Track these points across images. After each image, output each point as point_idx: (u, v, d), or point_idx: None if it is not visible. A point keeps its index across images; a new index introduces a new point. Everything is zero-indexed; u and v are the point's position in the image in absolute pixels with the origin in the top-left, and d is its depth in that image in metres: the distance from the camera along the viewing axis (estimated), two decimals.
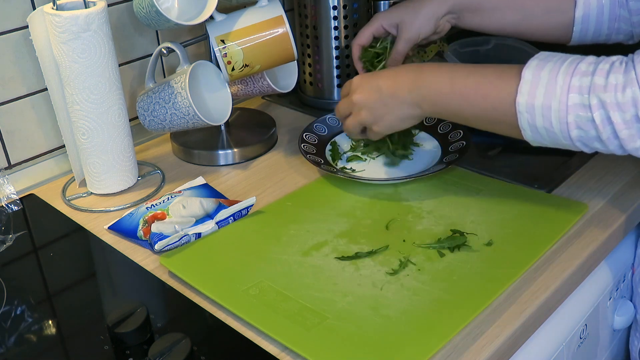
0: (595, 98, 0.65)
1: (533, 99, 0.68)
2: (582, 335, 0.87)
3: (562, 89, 0.67)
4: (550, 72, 0.68)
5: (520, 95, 0.69)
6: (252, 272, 0.76)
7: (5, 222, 0.88)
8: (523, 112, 0.70)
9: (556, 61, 0.69)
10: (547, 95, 0.67)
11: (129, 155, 0.94)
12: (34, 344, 0.69)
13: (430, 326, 0.67)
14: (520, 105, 0.69)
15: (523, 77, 0.69)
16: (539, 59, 0.70)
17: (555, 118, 0.68)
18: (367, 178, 0.92)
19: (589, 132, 0.67)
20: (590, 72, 0.66)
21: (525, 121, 0.70)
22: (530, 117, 0.69)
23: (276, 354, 0.66)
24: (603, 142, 0.68)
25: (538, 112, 0.68)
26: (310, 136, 1.02)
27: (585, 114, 0.66)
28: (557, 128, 0.68)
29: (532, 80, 0.68)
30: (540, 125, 0.69)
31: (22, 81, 0.96)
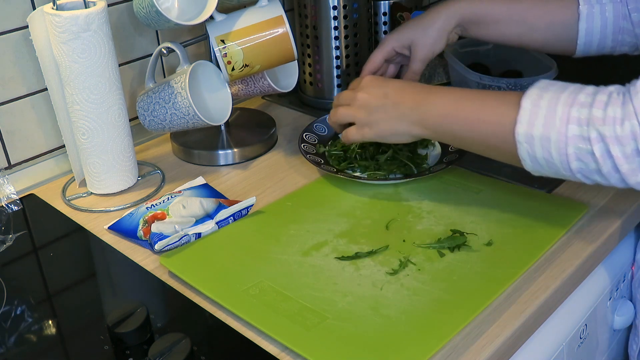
0: (594, 131, 0.64)
1: (532, 129, 0.67)
2: (582, 335, 0.87)
3: (561, 120, 0.66)
4: (550, 102, 0.67)
5: (520, 124, 0.68)
6: (252, 272, 0.76)
7: (5, 222, 0.88)
8: (522, 142, 0.68)
9: (555, 90, 0.68)
10: (546, 126, 0.66)
11: (129, 155, 0.94)
12: (34, 344, 0.69)
13: (430, 326, 0.67)
14: (519, 135, 0.68)
15: (522, 106, 0.68)
16: (539, 88, 0.69)
17: (555, 149, 0.67)
18: (367, 178, 0.92)
19: (589, 164, 0.66)
20: (589, 104, 0.65)
21: (524, 151, 0.69)
22: (530, 148, 0.68)
23: (276, 354, 0.66)
24: (603, 176, 0.67)
25: (537, 142, 0.67)
26: (310, 136, 1.02)
27: (585, 146, 0.65)
28: (557, 159, 0.67)
29: (532, 109, 0.67)
30: (540, 156, 0.68)
31: (22, 81, 0.96)
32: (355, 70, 1.16)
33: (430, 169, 0.93)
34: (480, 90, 0.77)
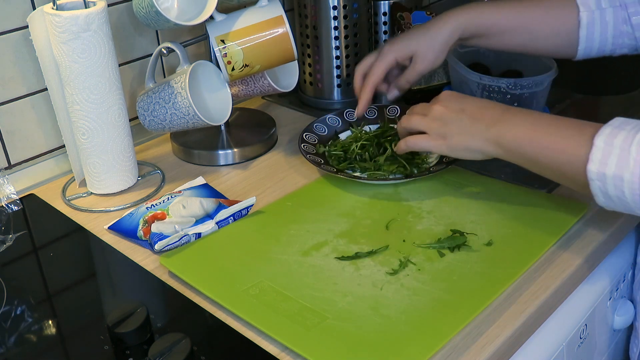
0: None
1: (605, 168, 0.67)
2: (582, 335, 0.87)
3: (635, 160, 0.65)
4: (624, 142, 0.66)
5: (592, 163, 0.68)
6: (252, 272, 0.76)
7: (5, 222, 0.88)
8: (594, 179, 0.68)
9: (630, 130, 0.67)
10: (620, 166, 0.66)
11: (129, 155, 0.94)
12: (34, 344, 0.69)
13: (430, 326, 0.67)
14: (592, 173, 0.68)
15: (595, 144, 0.68)
16: (613, 126, 0.68)
17: (628, 189, 0.66)
18: (367, 178, 0.92)
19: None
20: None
21: (597, 188, 0.69)
22: (602, 185, 0.68)
23: (276, 354, 0.66)
24: None
25: (610, 181, 0.67)
26: (310, 136, 1.02)
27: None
28: (630, 198, 0.67)
29: (605, 148, 0.67)
30: (612, 194, 0.68)
31: (22, 81, 0.96)
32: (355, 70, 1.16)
33: (430, 169, 0.93)
34: (556, 117, 0.75)
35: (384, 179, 0.92)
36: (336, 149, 0.99)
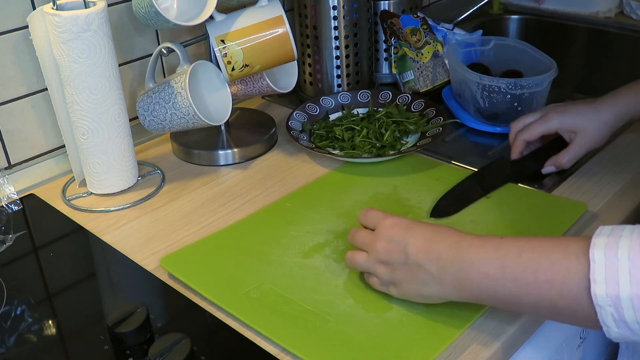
0: None
1: (617, 289, 0.53)
2: (582, 335, 0.87)
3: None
4: (631, 251, 0.53)
5: (596, 284, 0.54)
6: (253, 275, 0.76)
7: (5, 222, 0.88)
8: (604, 305, 0.54)
9: (630, 234, 0.55)
10: (636, 282, 0.52)
11: (129, 155, 0.94)
12: (34, 344, 0.69)
13: (432, 328, 0.67)
14: (600, 298, 0.54)
15: (593, 260, 0.54)
16: (605, 235, 0.56)
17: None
18: (341, 155, 0.97)
19: None
20: None
21: (609, 316, 0.54)
22: (617, 312, 0.54)
23: (276, 354, 0.66)
24: None
25: (626, 304, 0.53)
26: (300, 114, 1.07)
27: None
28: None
29: (607, 263, 0.54)
30: (631, 320, 0.53)
31: (22, 81, 0.96)
32: (355, 70, 1.17)
33: (400, 150, 0.98)
34: (526, 238, 0.62)
35: (357, 156, 0.97)
36: (320, 129, 1.04)
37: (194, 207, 0.91)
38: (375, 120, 1.03)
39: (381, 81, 1.26)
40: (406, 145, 1.00)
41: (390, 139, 0.99)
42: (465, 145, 1.05)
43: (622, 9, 1.50)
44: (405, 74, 1.17)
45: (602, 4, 1.50)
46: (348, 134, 1.00)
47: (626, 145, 0.99)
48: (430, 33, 1.20)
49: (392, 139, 0.99)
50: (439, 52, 1.18)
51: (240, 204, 0.91)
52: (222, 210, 0.90)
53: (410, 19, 1.19)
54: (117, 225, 0.88)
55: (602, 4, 1.50)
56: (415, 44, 1.17)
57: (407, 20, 1.19)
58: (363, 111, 1.08)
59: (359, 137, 0.99)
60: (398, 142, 0.99)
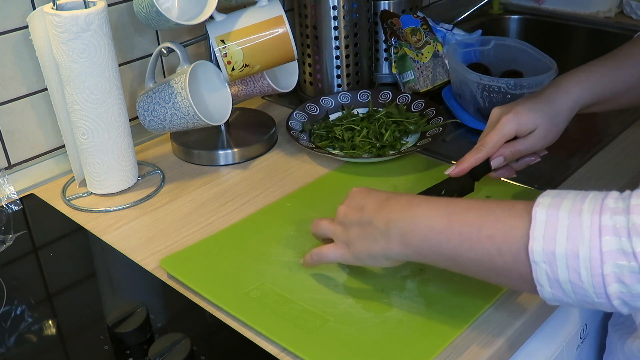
0: (639, 241, 0.51)
1: (553, 245, 0.54)
2: (582, 335, 0.87)
3: (591, 230, 0.52)
4: (571, 211, 0.54)
5: (534, 240, 0.54)
6: (253, 275, 0.76)
7: (5, 222, 0.88)
8: (540, 262, 0.54)
9: (574, 197, 0.55)
10: (572, 240, 0.53)
11: (129, 155, 0.94)
12: (34, 344, 0.69)
13: (432, 328, 0.67)
14: (535, 254, 0.54)
15: (535, 217, 0.55)
16: (550, 196, 0.56)
17: (586, 268, 0.52)
18: (341, 155, 0.97)
19: (632, 286, 0.52)
20: (623, 210, 0.52)
21: (543, 274, 0.55)
22: (550, 269, 0.54)
23: (276, 354, 0.66)
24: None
25: (561, 262, 0.53)
26: (299, 115, 1.07)
27: (627, 262, 0.51)
28: (587, 282, 0.53)
29: (548, 221, 0.54)
30: (564, 279, 0.54)
31: (22, 81, 0.96)
32: (355, 70, 1.17)
33: (400, 150, 0.97)
34: (477, 200, 0.63)
35: (357, 156, 0.97)
36: (320, 129, 1.04)
37: (194, 207, 0.91)
38: (375, 120, 1.03)
39: (381, 81, 1.26)
40: (406, 145, 1.00)
41: (390, 139, 0.99)
42: (465, 145, 1.04)
43: (622, 9, 1.50)
44: (405, 74, 1.17)
45: (602, 4, 1.50)
46: (348, 134, 1.00)
47: (626, 145, 0.99)
48: (430, 33, 1.20)
49: (392, 139, 0.99)
50: (439, 52, 1.19)
51: (240, 204, 0.91)
52: (222, 210, 0.90)
53: (410, 19, 1.19)
54: (117, 225, 0.88)
55: (602, 4, 1.50)
56: (415, 44, 1.17)
57: (407, 20, 1.19)
58: (363, 111, 1.08)
59: (359, 137, 0.99)
60: (398, 142, 0.99)
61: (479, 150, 0.80)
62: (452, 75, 1.14)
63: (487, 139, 0.80)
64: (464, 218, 0.60)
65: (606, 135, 1.02)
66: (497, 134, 0.80)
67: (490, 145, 0.80)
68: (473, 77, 1.04)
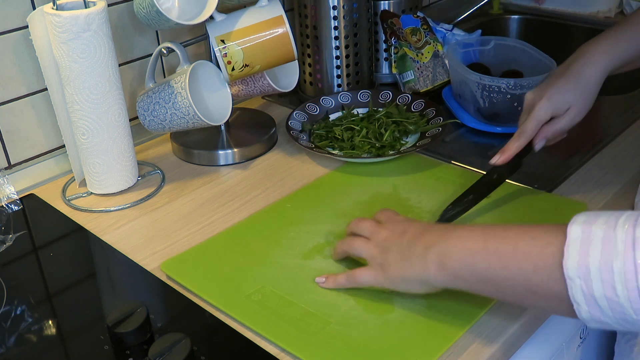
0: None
1: (586, 260, 0.53)
2: (582, 335, 0.87)
3: (625, 244, 0.51)
4: (606, 226, 0.53)
5: (568, 255, 0.54)
6: (254, 277, 0.75)
7: (5, 222, 0.88)
8: (574, 277, 0.53)
9: (609, 216, 0.54)
10: (606, 254, 0.52)
11: (129, 155, 0.94)
12: (34, 344, 0.69)
13: (432, 330, 0.67)
14: (570, 270, 0.53)
15: (569, 234, 0.54)
16: (586, 215, 0.56)
17: (620, 282, 0.51)
18: (341, 155, 0.97)
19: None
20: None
21: (578, 290, 0.53)
22: (585, 285, 0.53)
23: (276, 354, 0.66)
24: None
25: (595, 276, 0.52)
26: (299, 114, 1.07)
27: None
28: (623, 296, 0.51)
29: (582, 236, 0.53)
30: (599, 295, 0.52)
31: (22, 81, 0.96)
32: (355, 70, 1.17)
33: (399, 150, 0.97)
34: (510, 225, 0.63)
35: (356, 156, 0.97)
36: (319, 129, 1.04)
37: (194, 207, 0.91)
38: (375, 120, 1.03)
39: (381, 81, 1.26)
40: (406, 145, 1.00)
41: (389, 139, 0.99)
42: (465, 145, 1.05)
43: (622, 9, 1.50)
44: (405, 74, 1.17)
45: (602, 4, 1.50)
46: (348, 134, 1.01)
47: (626, 145, 0.99)
48: (430, 33, 1.20)
49: (392, 139, 0.99)
50: (439, 52, 1.19)
51: (240, 204, 0.91)
52: (222, 210, 0.90)
53: (410, 19, 1.19)
54: (117, 225, 0.88)
55: (602, 4, 1.50)
56: (415, 44, 1.17)
57: (407, 20, 1.19)
58: (363, 111, 1.08)
59: (359, 137, 1.00)
60: (398, 142, 0.99)
61: (519, 137, 0.83)
62: (452, 75, 1.14)
63: (525, 127, 0.84)
64: (501, 236, 0.60)
65: (606, 135, 1.02)
66: (533, 121, 0.83)
67: (528, 132, 0.83)
68: (473, 77, 1.04)
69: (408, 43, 1.17)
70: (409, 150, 0.96)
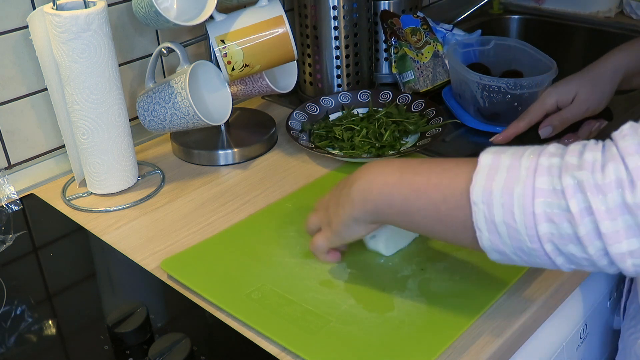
0: (569, 178, 0.51)
1: (491, 184, 0.54)
2: (582, 335, 0.87)
3: (527, 170, 0.53)
4: (514, 155, 0.55)
5: (476, 182, 0.55)
6: (254, 276, 0.76)
7: (5, 222, 0.88)
8: (478, 202, 0.55)
9: (518, 147, 0.57)
10: (509, 179, 0.54)
11: (129, 155, 0.94)
12: (34, 344, 0.69)
13: (434, 328, 0.67)
14: (475, 195, 0.55)
15: (480, 162, 0.56)
16: (498, 147, 0.58)
17: (519, 207, 0.53)
18: (341, 156, 0.97)
19: (562, 227, 0.52)
20: (560, 154, 0.54)
21: (481, 216, 0.55)
22: (487, 209, 0.55)
23: (276, 353, 0.66)
24: (581, 243, 0.52)
25: (497, 200, 0.54)
26: (299, 114, 1.07)
27: (557, 200, 0.52)
28: (520, 222, 0.53)
29: (491, 164, 0.56)
30: (499, 220, 0.54)
31: (22, 81, 0.96)
32: (355, 70, 1.17)
33: (399, 150, 0.98)
34: (431, 158, 0.64)
35: (356, 156, 0.97)
36: (319, 129, 1.04)
37: (194, 207, 0.91)
38: (375, 120, 1.03)
39: (381, 81, 1.26)
40: (406, 145, 1.00)
41: (389, 139, 0.99)
42: (465, 145, 1.05)
43: (622, 9, 1.50)
44: (405, 74, 1.17)
45: (602, 4, 1.50)
46: (348, 134, 1.01)
47: None
48: (430, 33, 1.20)
49: (392, 139, 0.99)
50: (439, 52, 1.19)
51: (240, 204, 0.91)
52: (222, 210, 0.90)
53: (410, 19, 1.19)
54: (117, 225, 0.88)
55: (602, 4, 1.50)
56: (415, 44, 1.17)
57: (407, 20, 1.19)
58: (363, 111, 1.09)
59: (359, 137, 1.00)
60: (398, 142, 0.99)
61: (522, 119, 0.87)
62: (452, 75, 1.14)
63: (529, 109, 0.88)
64: (416, 170, 0.62)
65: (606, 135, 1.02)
66: (538, 104, 0.87)
67: (531, 115, 0.87)
68: (473, 77, 1.04)
69: (408, 43, 1.17)
70: (409, 150, 0.96)
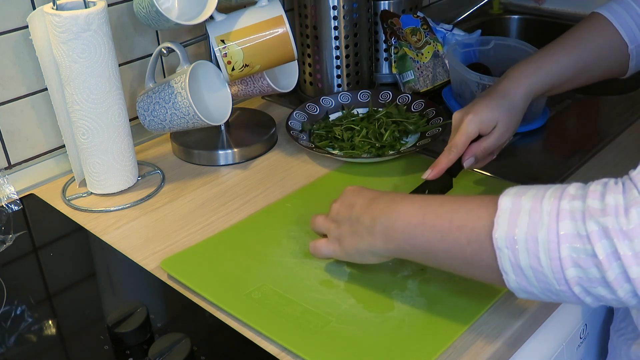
0: (593, 223, 0.51)
1: (514, 230, 0.55)
2: (582, 335, 0.87)
3: (550, 215, 0.53)
4: (534, 198, 0.55)
5: (498, 226, 0.56)
6: (254, 276, 0.76)
7: (5, 222, 0.88)
8: (502, 247, 0.55)
9: (538, 188, 0.57)
10: (532, 225, 0.54)
11: (129, 155, 0.94)
12: (34, 344, 0.69)
13: (433, 328, 0.67)
14: (499, 240, 0.56)
15: (500, 206, 0.57)
16: (517, 188, 0.58)
17: (544, 252, 0.53)
18: (341, 156, 0.97)
19: (589, 271, 0.52)
20: (581, 196, 0.53)
21: (506, 260, 0.56)
22: (512, 254, 0.55)
23: (276, 353, 0.66)
24: (609, 286, 0.52)
25: (521, 246, 0.54)
26: (299, 114, 1.07)
27: (582, 245, 0.52)
28: (547, 267, 0.54)
29: (512, 208, 0.56)
30: (525, 264, 0.55)
31: (22, 81, 0.96)
32: (355, 70, 1.17)
33: (399, 150, 0.98)
34: (452, 196, 0.66)
35: (356, 156, 0.97)
36: (319, 129, 1.04)
37: (194, 207, 0.91)
38: (375, 120, 1.03)
39: (381, 81, 1.26)
40: (406, 145, 1.00)
41: (389, 139, 0.99)
42: None
43: None
44: (405, 74, 1.17)
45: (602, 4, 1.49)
46: (348, 134, 1.01)
47: (626, 146, 0.99)
48: (430, 33, 1.20)
49: (392, 139, 0.99)
50: (439, 52, 1.19)
51: (240, 204, 0.91)
52: (222, 210, 0.90)
53: (410, 19, 1.19)
54: (117, 225, 0.88)
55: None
56: (415, 44, 1.17)
57: (407, 20, 1.19)
58: (363, 111, 1.09)
59: (359, 137, 1.00)
60: (398, 142, 0.99)
61: (450, 152, 0.84)
62: (452, 75, 1.14)
63: (455, 141, 0.84)
64: (437, 211, 0.62)
65: (606, 135, 1.02)
66: (462, 134, 0.83)
67: (459, 146, 0.83)
68: (473, 77, 1.04)
69: (408, 43, 1.17)
70: (409, 150, 0.96)
